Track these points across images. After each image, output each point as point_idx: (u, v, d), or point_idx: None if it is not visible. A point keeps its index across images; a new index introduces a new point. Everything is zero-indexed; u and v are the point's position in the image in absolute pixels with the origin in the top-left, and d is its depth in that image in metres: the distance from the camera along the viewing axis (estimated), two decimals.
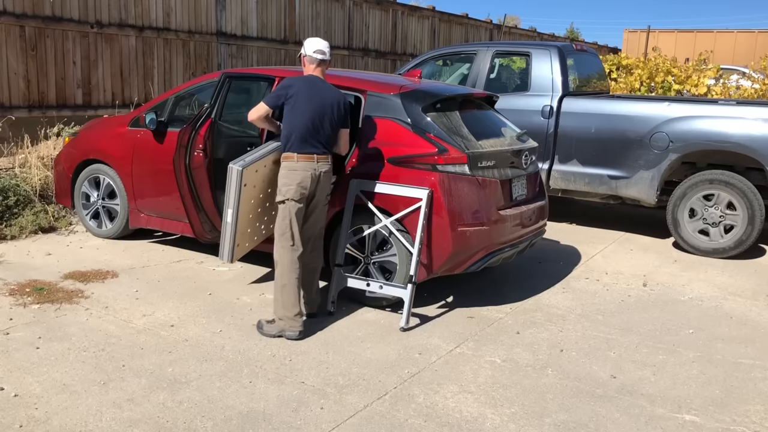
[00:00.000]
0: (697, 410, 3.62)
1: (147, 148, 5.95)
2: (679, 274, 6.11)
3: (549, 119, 7.54)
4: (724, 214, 6.63)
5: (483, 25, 19.74)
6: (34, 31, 8.97)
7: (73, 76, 9.51)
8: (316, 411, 3.46)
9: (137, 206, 6.14)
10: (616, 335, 4.63)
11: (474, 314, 4.90)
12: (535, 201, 5.54)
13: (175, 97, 6.03)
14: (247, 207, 4.64)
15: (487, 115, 5.62)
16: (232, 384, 3.70)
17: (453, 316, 4.85)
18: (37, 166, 7.47)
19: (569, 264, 6.27)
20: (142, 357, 3.98)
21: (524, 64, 8.17)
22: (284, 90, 4.42)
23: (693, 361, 4.24)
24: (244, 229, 4.74)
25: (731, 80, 12.58)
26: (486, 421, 3.44)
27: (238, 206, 4.55)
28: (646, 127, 6.97)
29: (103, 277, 5.37)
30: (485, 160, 4.92)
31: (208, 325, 4.51)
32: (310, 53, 4.53)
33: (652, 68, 12.20)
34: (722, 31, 26.49)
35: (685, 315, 5.07)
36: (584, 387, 3.84)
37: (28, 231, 6.45)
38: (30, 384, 3.61)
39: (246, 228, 4.76)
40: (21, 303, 4.73)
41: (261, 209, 4.80)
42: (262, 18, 12.50)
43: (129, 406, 3.42)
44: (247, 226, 4.76)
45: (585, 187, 7.43)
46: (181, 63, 11.06)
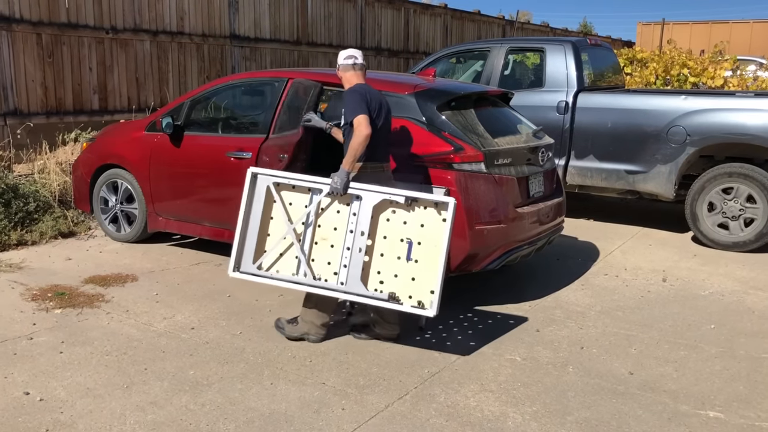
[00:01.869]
0: (721, 406, 3.59)
1: (164, 152, 5.99)
2: (698, 268, 6.06)
3: (564, 115, 7.50)
4: (744, 207, 6.56)
5: (495, 21, 19.67)
6: (51, 39, 9.06)
7: (90, 82, 9.59)
8: (338, 412, 3.47)
9: (155, 210, 6.19)
10: (637, 331, 4.60)
11: (493, 312, 4.89)
12: (553, 198, 5.52)
13: (191, 101, 6.07)
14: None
15: (502, 113, 5.60)
16: (254, 386, 3.72)
17: (472, 314, 4.84)
18: (55, 171, 7.55)
19: (588, 260, 6.24)
20: (164, 360, 4.02)
21: (538, 60, 8.14)
22: (363, 98, 4.15)
23: (715, 357, 4.20)
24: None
25: (748, 71, 12.46)
26: (507, 419, 3.43)
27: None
28: (662, 121, 6.91)
29: (123, 280, 5.42)
30: (501, 158, 4.91)
31: (228, 327, 4.54)
32: (342, 61, 4.35)
33: (668, 61, 12.11)
34: (738, 21, 26.18)
35: (706, 310, 5.02)
36: (606, 384, 3.82)
37: (48, 236, 6.52)
38: (54, 388, 3.65)
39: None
40: (43, 308, 4.78)
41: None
42: (275, 20, 12.54)
43: (152, 409, 3.45)
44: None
45: (602, 183, 7.39)
46: (195, 66, 11.12)
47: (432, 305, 3.87)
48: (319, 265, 4.17)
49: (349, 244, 4.06)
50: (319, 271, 4.16)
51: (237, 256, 4.27)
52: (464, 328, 4.60)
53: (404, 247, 3.99)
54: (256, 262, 4.26)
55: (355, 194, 4.06)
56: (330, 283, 4.11)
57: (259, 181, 4.29)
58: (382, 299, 3.97)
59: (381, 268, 4.04)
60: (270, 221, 4.29)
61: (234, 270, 4.29)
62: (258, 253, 4.27)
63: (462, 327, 4.61)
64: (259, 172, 4.32)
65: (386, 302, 3.96)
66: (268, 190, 4.27)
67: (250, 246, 4.27)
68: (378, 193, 4.03)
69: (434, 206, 3.97)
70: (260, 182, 4.29)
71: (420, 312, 3.93)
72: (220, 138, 5.87)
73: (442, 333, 4.49)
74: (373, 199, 4.03)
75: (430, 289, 3.91)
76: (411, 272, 3.98)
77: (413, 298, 3.95)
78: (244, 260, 4.29)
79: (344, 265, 4.06)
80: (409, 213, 4.02)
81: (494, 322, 4.72)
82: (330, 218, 4.17)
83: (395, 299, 3.96)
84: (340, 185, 4.01)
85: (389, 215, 4.05)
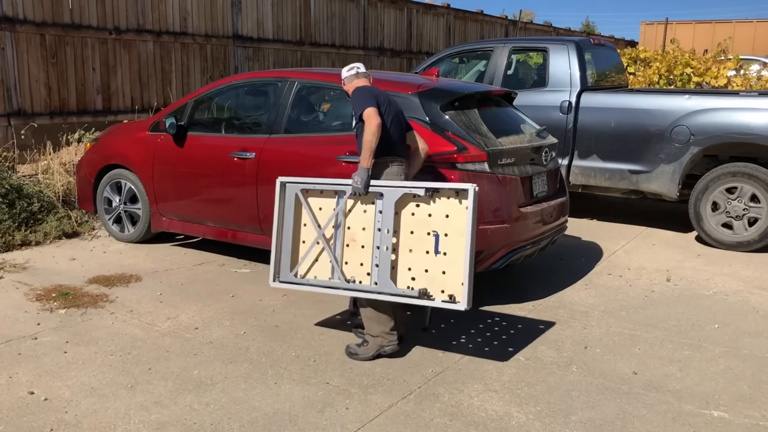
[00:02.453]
0: (725, 406, 3.58)
1: (167, 152, 6.00)
2: (702, 268, 6.05)
3: (568, 115, 7.49)
4: (748, 206, 6.55)
5: (498, 21, 19.67)
6: (54, 39, 9.08)
7: (93, 83, 9.61)
8: (342, 411, 3.47)
9: (159, 210, 6.20)
10: (641, 331, 4.59)
11: (496, 312, 4.89)
12: (556, 197, 5.51)
13: (194, 101, 6.08)
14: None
15: (505, 112, 5.60)
16: (258, 385, 3.72)
17: (475, 314, 4.84)
18: (59, 172, 7.57)
19: (591, 260, 6.23)
20: (168, 360, 4.02)
21: (541, 59, 8.13)
22: (371, 93, 4.13)
23: (720, 357, 4.20)
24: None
25: (752, 71, 12.43)
26: (512, 419, 3.43)
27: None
28: (666, 121, 6.90)
29: (126, 281, 5.43)
30: (505, 158, 4.91)
31: (231, 327, 4.54)
32: (346, 74, 4.35)
33: (671, 61, 12.08)
34: (741, 21, 26.15)
35: (710, 310, 5.02)
36: (610, 384, 3.82)
37: (53, 236, 6.54)
38: (59, 388, 3.65)
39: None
40: (48, 308, 4.79)
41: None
42: (278, 20, 12.55)
43: (156, 409, 3.46)
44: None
45: (605, 183, 7.38)
46: (198, 67, 11.14)
47: (463, 298, 3.75)
48: (352, 267, 4.10)
49: (378, 242, 4.00)
50: (352, 274, 4.09)
51: (276, 266, 4.25)
52: (468, 328, 4.60)
53: (432, 241, 3.91)
54: (293, 270, 4.23)
55: (378, 191, 4.00)
56: (364, 285, 4.03)
57: (288, 189, 4.27)
58: (413, 296, 3.87)
59: (411, 264, 3.95)
60: (302, 228, 4.27)
61: (274, 280, 4.26)
62: (294, 261, 4.25)
63: (465, 327, 4.61)
64: (287, 181, 4.29)
65: (418, 299, 3.86)
66: (297, 197, 4.24)
67: (286, 254, 4.25)
68: (398, 188, 3.98)
69: (455, 195, 3.89)
70: (289, 190, 4.27)
71: (451, 306, 3.80)
72: (224, 138, 5.88)
73: (445, 333, 4.49)
74: (395, 195, 3.97)
75: (461, 281, 3.79)
76: (441, 266, 3.87)
77: (445, 293, 3.85)
78: (282, 269, 4.25)
79: (376, 265, 3.99)
80: (432, 205, 3.93)
81: (498, 321, 4.72)
82: (358, 219, 4.11)
83: (427, 295, 3.85)
84: (360, 184, 3.96)
85: (413, 209, 3.97)
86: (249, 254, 6.03)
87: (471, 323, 4.67)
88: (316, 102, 5.90)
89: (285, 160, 5.33)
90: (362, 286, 4.04)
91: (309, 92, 5.74)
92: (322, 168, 4.93)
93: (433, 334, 4.46)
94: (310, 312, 4.80)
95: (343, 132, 5.34)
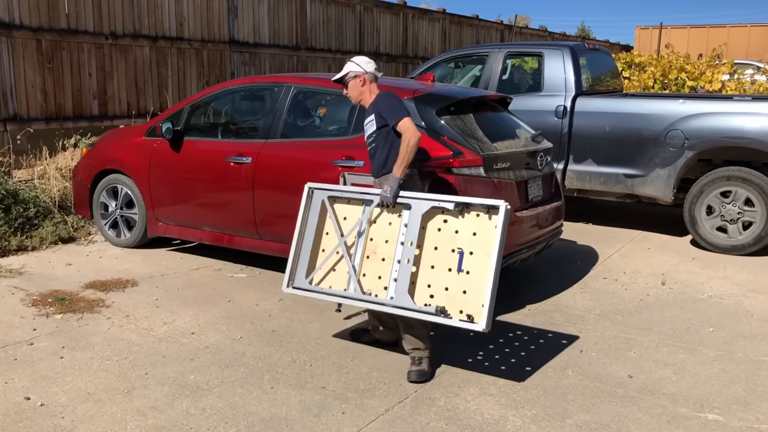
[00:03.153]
0: (720, 409, 3.60)
1: (164, 157, 6.01)
2: (697, 272, 6.08)
3: (563, 119, 7.52)
4: (742, 210, 6.58)
5: (494, 26, 19.74)
6: (50, 44, 9.09)
7: (89, 88, 9.62)
8: (338, 416, 3.48)
9: (155, 215, 6.20)
10: (636, 335, 4.61)
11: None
12: (551, 202, 5.53)
13: (191, 106, 6.09)
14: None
15: (501, 117, 5.62)
16: (254, 390, 3.73)
17: None
18: (55, 177, 7.57)
19: (587, 264, 6.25)
20: (164, 365, 4.02)
21: (537, 64, 8.16)
22: (402, 101, 4.06)
23: (714, 360, 4.21)
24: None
25: (746, 75, 12.50)
26: (507, 423, 3.44)
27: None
28: (660, 125, 6.94)
29: (123, 286, 5.43)
30: (500, 162, 4.93)
31: (228, 331, 4.55)
32: (372, 71, 4.20)
33: (665, 65, 12.15)
34: (735, 25, 26.27)
35: (705, 313, 5.04)
36: (605, 387, 3.83)
37: (49, 242, 6.53)
38: (55, 393, 3.65)
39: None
40: (44, 313, 4.79)
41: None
42: (274, 25, 12.58)
43: (153, 414, 3.46)
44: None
45: (600, 187, 7.41)
46: (194, 72, 11.15)
47: (482, 319, 3.58)
48: (369, 279, 3.99)
49: (400, 256, 3.87)
50: (369, 286, 3.98)
51: (291, 272, 4.16)
52: (463, 332, 4.60)
53: (455, 258, 3.76)
54: (308, 277, 4.13)
55: (405, 203, 3.90)
56: (380, 298, 3.90)
57: (315, 195, 4.20)
58: (430, 313, 3.71)
59: (431, 281, 3.81)
60: (324, 236, 4.19)
61: (288, 285, 4.17)
62: (311, 268, 4.16)
63: (461, 331, 4.61)
64: (315, 187, 4.21)
65: (435, 316, 3.71)
66: (323, 204, 4.16)
67: (304, 261, 4.15)
68: (427, 200, 3.87)
69: (486, 211, 3.75)
70: (316, 197, 4.20)
71: (470, 326, 3.64)
72: (220, 143, 5.90)
73: (441, 337, 4.50)
74: (422, 207, 3.86)
75: (481, 302, 3.63)
76: (462, 284, 3.73)
77: (463, 312, 3.70)
78: (297, 276, 4.16)
79: (394, 279, 3.86)
80: (459, 220, 3.80)
81: (493, 325, 4.72)
82: (382, 231, 4.00)
83: (444, 313, 3.71)
84: (390, 193, 3.86)
85: (440, 224, 3.85)
86: (245, 259, 6.04)
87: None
88: (312, 107, 5.93)
89: (281, 164, 5.35)
90: (377, 299, 3.92)
91: (305, 97, 5.76)
92: (318, 172, 4.94)
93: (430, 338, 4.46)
94: (306, 317, 4.81)
95: (339, 137, 5.37)
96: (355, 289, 4.00)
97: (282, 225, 5.35)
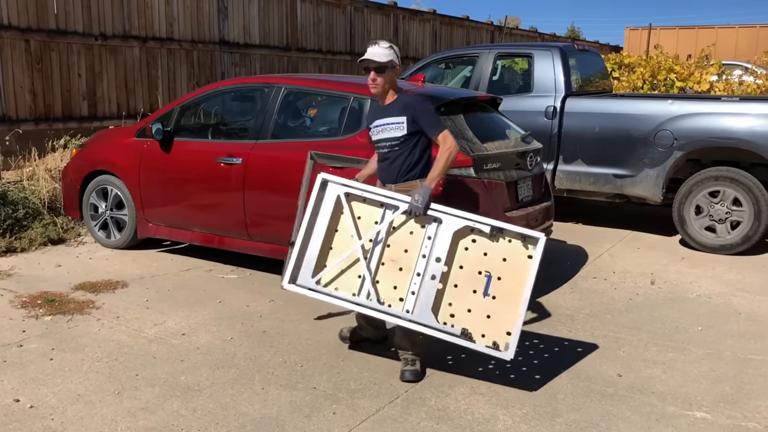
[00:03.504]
0: (708, 407, 3.63)
1: (154, 158, 5.99)
2: (686, 271, 6.12)
3: (553, 120, 7.56)
4: (730, 210, 6.63)
5: (484, 27, 19.79)
6: (39, 45, 9.04)
7: (79, 89, 9.58)
8: (329, 416, 3.49)
9: (145, 216, 6.19)
10: (625, 334, 4.64)
11: None
12: (541, 202, 5.56)
13: (181, 107, 6.08)
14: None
15: (491, 118, 5.65)
16: (245, 391, 3.73)
17: None
18: (44, 178, 7.53)
19: (576, 264, 6.28)
20: (155, 366, 4.02)
21: (526, 65, 8.20)
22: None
23: (703, 359, 4.25)
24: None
25: (734, 76, 12.58)
26: (498, 422, 3.46)
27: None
28: (650, 126, 6.98)
29: (113, 287, 5.41)
30: (490, 163, 4.95)
31: (218, 332, 4.54)
32: (396, 59, 3.94)
33: (655, 66, 12.21)
34: (724, 26, 26.45)
35: (694, 312, 5.08)
36: (595, 386, 3.86)
37: (38, 243, 6.50)
38: (45, 395, 3.64)
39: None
40: (33, 315, 4.77)
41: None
42: (265, 26, 12.57)
43: (144, 415, 3.45)
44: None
45: (590, 187, 7.45)
46: (185, 73, 11.13)
47: (509, 348, 3.58)
48: (383, 287, 3.81)
49: (420, 269, 3.73)
50: (383, 295, 3.81)
51: (294, 269, 3.89)
52: None
53: (482, 281, 3.67)
54: (315, 277, 3.88)
55: (434, 216, 3.75)
56: (394, 309, 3.76)
57: (329, 189, 3.91)
58: (454, 334, 3.65)
59: (453, 300, 3.72)
60: (335, 234, 3.93)
61: (290, 282, 3.90)
62: (318, 267, 3.90)
63: None
64: (330, 179, 3.93)
65: (458, 338, 3.65)
66: (338, 200, 3.89)
67: (311, 258, 3.89)
68: (461, 218, 3.73)
69: (522, 240, 3.68)
70: (330, 191, 3.91)
71: (495, 353, 3.61)
72: (210, 144, 5.89)
73: (432, 337, 4.51)
74: (455, 225, 3.72)
75: (507, 330, 3.61)
76: (487, 309, 3.66)
77: (486, 337, 3.64)
78: (301, 273, 3.89)
79: (412, 292, 3.73)
80: (491, 243, 3.71)
81: None
82: (402, 239, 3.81)
83: (468, 336, 3.65)
84: (421, 204, 3.69)
85: (468, 243, 3.74)
86: (236, 260, 6.03)
87: None
88: (302, 107, 5.93)
89: (272, 165, 5.35)
90: (392, 310, 3.77)
91: (296, 98, 5.77)
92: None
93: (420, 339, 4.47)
94: (297, 317, 4.81)
95: (330, 137, 5.38)
96: (368, 296, 3.80)
97: (272, 226, 5.36)
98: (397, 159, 3.93)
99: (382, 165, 4.02)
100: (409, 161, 3.91)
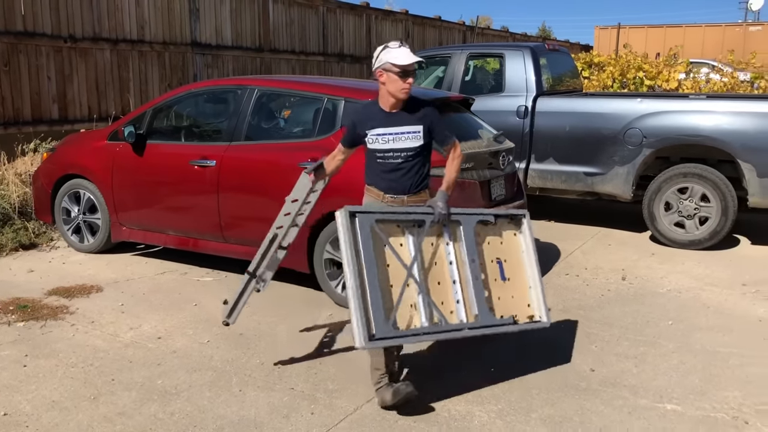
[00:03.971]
0: (678, 399, 3.72)
1: (127, 161, 5.95)
2: (657, 267, 6.23)
3: (524, 119, 7.64)
4: (699, 206, 6.77)
5: (456, 27, 19.89)
6: (6, 47, 8.90)
7: (48, 91, 9.45)
8: (307, 416, 3.51)
9: (119, 220, 6.14)
10: (597, 329, 4.72)
11: None
12: (514, 200, 5.63)
13: (153, 110, 6.04)
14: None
15: (463, 118, 5.70)
16: (223, 393, 3.73)
17: None
18: (15, 182, 7.43)
19: (549, 261, 6.36)
20: (131, 370, 4.00)
21: (498, 65, 8.28)
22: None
23: (673, 352, 4.34)
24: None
25: (701, 74, 12.81)
26: (474, 418, 3.51)
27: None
28: (619, 124, 7.09)
29: (87, 291, 5.37)
30: (463, 162, 4.98)
31: (195, 335, 4.53)
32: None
33: (624, 65, 12.40)
34: (691, 25, 26.93)
35: (664, 307, 5.18)
36: (568, 381, 3.92)
37: (9, 248, 6.42)
38: (19, 402, 3.61)
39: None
40: (5, 321, 4.72)
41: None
42: (237, 27, 12.51)
43: (120, 420, 3.44)
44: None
45: (562, 185, 7.55)
46: (156, 75, 11.03)
47: (544, 316, 3.92)
48: (447, 307, 3.63)
49: (456, 277, 3.68)
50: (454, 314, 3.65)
51: (366, 323, 3.28)
52: None
53: (496, 268, 3.83)
54: (390, 320, 3.38)
55: (456, 220, 3.74)
56: (469, 323, 3.64)
57: (360, 222, 3.43)
58: (509, 324, 3.78)
59: (491, 293, 3.79)
60: (387, 269, 3.48)
61: (368, 339, 3.27)
62: (388, 309, 3.40)
63: None
64: (356, 210, 3.46)
65: (511, 326, 3.79)
66: (373, 231, 3.46)
67: (378, 303, 3.34)
68: (473, 215, 3.84)
69: (509, 221, 4.01)
70: (361, 223, 3.43)
71: (536, 326, 3.91)
72: (183, 146, 5.87)
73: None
74: (472, 222, 3.79)
75: (527, 303, 3.91)
76: (509, 291, 3.86)
77: (520, 316, 3.87)
78: (377, 324, 3.31)
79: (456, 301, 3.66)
80: (491, 232, 3.91)
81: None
82: (429, 253, 3.65)
83: (516, 322, 3.83)
84: (445, 210, 3.62)
85: (479, 238, 3.85)
86: (211, 262, 6.01)
87: None
88: (276, 109, 5.93)
89: (246, 167, 5.35)
90: (466, 324, 3.63)
91: (269, 99, 5.77)
92: (284, 175, 4.95)
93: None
94: (273, 319, 4.82)
95: (304, 138, 5.39)
96: (441, 321, 3.56)
97: (247, 228, 5.35)
98: (411, 169, 3.69)
99: (391, 176, 3.68)
100: (422, 171, 3.76)
